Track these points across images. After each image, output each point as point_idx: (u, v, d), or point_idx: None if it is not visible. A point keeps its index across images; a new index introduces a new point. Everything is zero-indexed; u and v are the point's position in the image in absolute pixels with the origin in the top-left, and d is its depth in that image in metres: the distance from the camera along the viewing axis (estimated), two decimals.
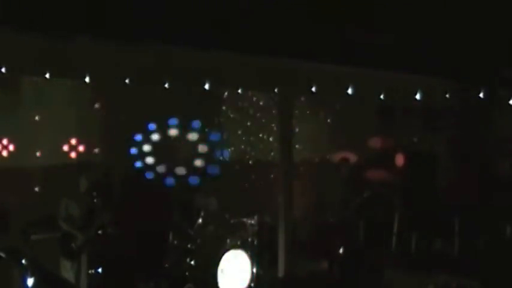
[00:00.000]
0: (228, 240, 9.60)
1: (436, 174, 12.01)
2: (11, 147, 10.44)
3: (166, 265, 9.59)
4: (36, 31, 6.95)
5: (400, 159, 12.28)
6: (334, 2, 8.20)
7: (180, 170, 11.38)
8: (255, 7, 7.93)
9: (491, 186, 11.58)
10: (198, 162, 11.54)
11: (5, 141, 10.43)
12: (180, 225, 9.80)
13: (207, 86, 9.07)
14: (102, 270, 9.12)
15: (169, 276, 9.55)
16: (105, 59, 8.07)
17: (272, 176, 11.34)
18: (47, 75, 8.12)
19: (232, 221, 10.01)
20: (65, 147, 10.87)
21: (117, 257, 9.45)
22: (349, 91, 9.98)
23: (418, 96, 10.68)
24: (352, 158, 12.11)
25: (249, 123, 12.00)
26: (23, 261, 4.44)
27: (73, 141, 10.91)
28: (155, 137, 11.36)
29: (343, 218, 11.15)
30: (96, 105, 10.81)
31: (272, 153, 11.77)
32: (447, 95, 10.91)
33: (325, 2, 8.17)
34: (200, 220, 9.74)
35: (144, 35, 7.50)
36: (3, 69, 7.79)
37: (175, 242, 9.70)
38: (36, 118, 10.51)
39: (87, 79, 8.29)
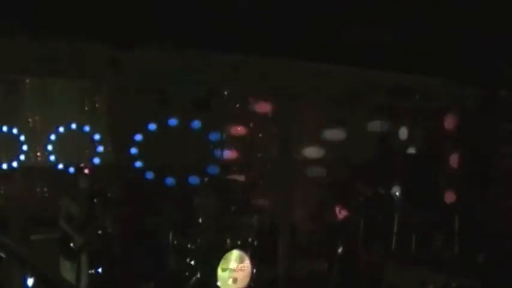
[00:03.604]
0: (228, 240, 9.60)
1: (436, 173, 11.98)
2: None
3: (166, 265, 9.60)
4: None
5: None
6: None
7: (180, 170, 11.36)
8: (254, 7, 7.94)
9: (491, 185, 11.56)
10: (198, 162, 11.52)
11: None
12: (180, 225, 9.80)
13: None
14: (102, 270, 9.12)
15: (169, 276, 9.55)
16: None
17: (272, 176, 11.32)
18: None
19: (232, 221, 10.01)
20: None
21: (117, 257, 9.45)
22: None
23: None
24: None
25: (249, 124, 12.00)
26: (23, 261, 4.44)
27: None
28: (154, 136, 11.34)
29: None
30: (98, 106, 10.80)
31: (272, 153, 11.76)
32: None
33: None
34: (200, 220, 9.74)
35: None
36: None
37: (175, 242, 9.70)
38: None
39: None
